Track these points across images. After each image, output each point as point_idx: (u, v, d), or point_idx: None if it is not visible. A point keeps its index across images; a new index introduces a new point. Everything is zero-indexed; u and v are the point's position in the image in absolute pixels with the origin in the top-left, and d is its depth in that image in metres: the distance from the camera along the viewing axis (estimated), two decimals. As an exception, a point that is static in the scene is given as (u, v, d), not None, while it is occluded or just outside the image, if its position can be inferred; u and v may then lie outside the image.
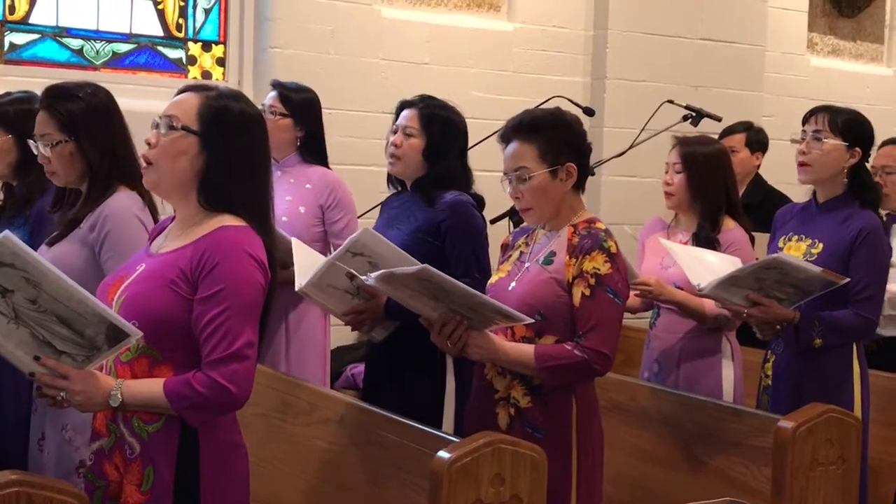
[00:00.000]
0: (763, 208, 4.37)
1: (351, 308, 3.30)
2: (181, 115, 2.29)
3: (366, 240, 3.11)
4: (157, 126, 2.30)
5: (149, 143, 2.31)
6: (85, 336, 2.17)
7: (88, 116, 2.98)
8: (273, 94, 3.99)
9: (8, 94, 3.56)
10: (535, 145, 2.81)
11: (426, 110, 3.49)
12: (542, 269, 2.82)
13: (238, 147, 2.30)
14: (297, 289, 3.21)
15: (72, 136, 2.97)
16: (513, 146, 2.85)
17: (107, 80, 4.52)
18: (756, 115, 5.81)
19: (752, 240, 3.89)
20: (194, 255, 2.24)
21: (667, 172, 3.91)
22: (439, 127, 3.48)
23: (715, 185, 3.86)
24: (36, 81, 4.48)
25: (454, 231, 3.39)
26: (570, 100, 4.90)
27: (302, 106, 3.97)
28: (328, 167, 4.03)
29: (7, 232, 2.10)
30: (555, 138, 2.82)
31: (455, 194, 3.45)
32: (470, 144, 3.64)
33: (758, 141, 5.14)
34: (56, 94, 3.02)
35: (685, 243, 3.82)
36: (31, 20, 4.95)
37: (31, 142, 3.07)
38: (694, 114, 4.99)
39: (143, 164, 2.33)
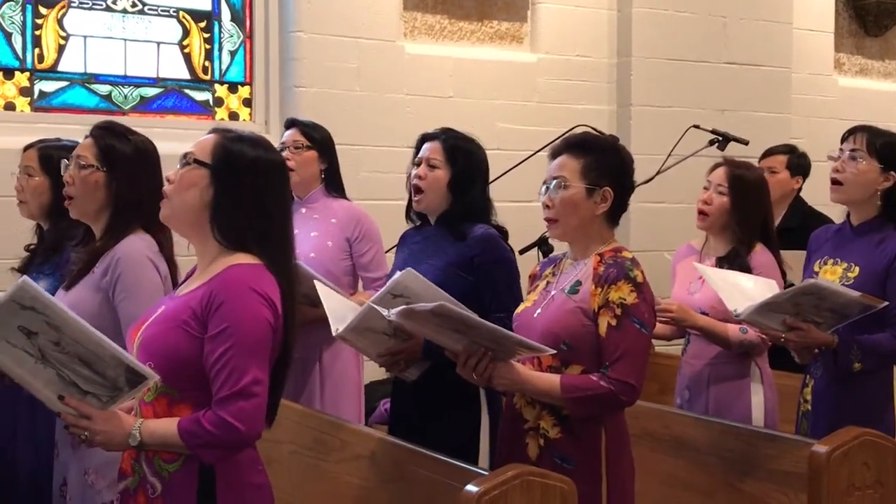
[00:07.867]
0: (801, 231, 4.31)
1: (386, 349, 3.27)
2: (197, 152, 2.36)
3: (408, 281, 3.09)
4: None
5: (168, 180, 2.37)
6: (107, 377, 2.21)
7: (129, 157, 3.01)
8: (293, 130, 4.03)
9: (58, 139, 3.60)
10: (581, 161, 2.83)
11: (449, 142, 3.47)
12: (568, 298, 2.81)
13: (248, 184, 2.32)
14: (334, 334, 3.20)
15: (104, 168, 3.00)
16: (560, 158, 2.87)
17: (135, 124, 4.53)
18: (784, 138, 5.77)
19: (780, 263, 3.84)
20: (205, 294, 2.27)
21: (706, 189, 3.87)
22: (463, 158, 3.45)
23: (756, 213, 3.83)
24: (66, 128, 4.55)
25: (487, 266, 3.37)
26: (594, 128, 4.87)
27: (323, 138, 4.03)
28: (347, 200, 4.07)
29: (25, 277, 2.16)
30: (602, 160, 2.84)
31: (484, 228, 3.43)
32: (496, 175, 3.62)
33: (799, 165, 5.09)
34: (108, 128, 3.08)
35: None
36: (60, 68, 5.03)
37: (63, 161, 3.09)
38: (721, 138, 4.97)
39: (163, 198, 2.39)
